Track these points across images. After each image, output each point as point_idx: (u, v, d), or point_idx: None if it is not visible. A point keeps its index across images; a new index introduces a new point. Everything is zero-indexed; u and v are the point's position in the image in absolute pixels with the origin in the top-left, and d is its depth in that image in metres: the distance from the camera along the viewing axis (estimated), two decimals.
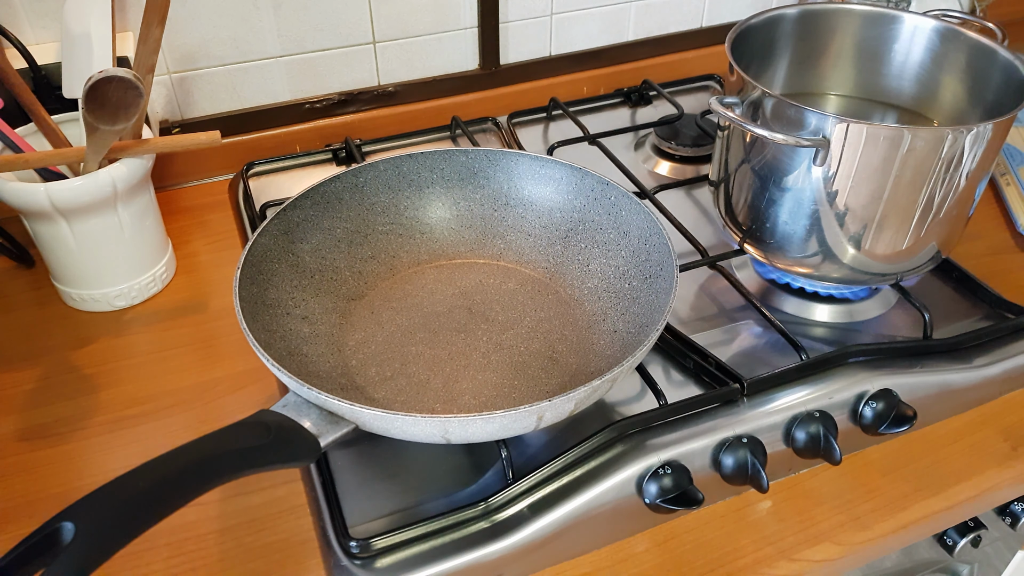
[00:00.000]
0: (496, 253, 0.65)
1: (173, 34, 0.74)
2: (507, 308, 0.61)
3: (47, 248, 0.63)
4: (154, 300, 0.66)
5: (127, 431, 0.56)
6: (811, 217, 0.57)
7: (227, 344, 0.62)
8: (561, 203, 0.64)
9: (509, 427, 0.45)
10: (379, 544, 0.46)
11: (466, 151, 0.65)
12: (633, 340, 0.54)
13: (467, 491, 0.51)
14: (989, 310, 0.65)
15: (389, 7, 0.80)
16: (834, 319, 0.64)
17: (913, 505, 0.54)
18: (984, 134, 0.52)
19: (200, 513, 0.50)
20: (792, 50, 0.68)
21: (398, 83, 0.85)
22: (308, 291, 0.58)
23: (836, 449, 0.53)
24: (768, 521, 0.53)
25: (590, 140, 0.81)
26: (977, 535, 0.64)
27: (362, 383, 0.54)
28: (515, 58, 0.89)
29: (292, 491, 0.52)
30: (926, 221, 0.56)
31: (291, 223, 0.59)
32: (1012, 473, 0.57)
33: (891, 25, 0.65)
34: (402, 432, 0.45)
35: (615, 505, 0.50)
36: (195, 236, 0.73)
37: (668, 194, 0.75)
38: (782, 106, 0.55)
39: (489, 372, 0.55)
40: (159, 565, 0.48)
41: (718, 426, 0.53)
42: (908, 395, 0.57)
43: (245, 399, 0.58)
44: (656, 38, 0.94)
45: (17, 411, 0.57)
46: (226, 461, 0.40)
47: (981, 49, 0.61)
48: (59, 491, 0.52)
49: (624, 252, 0.60)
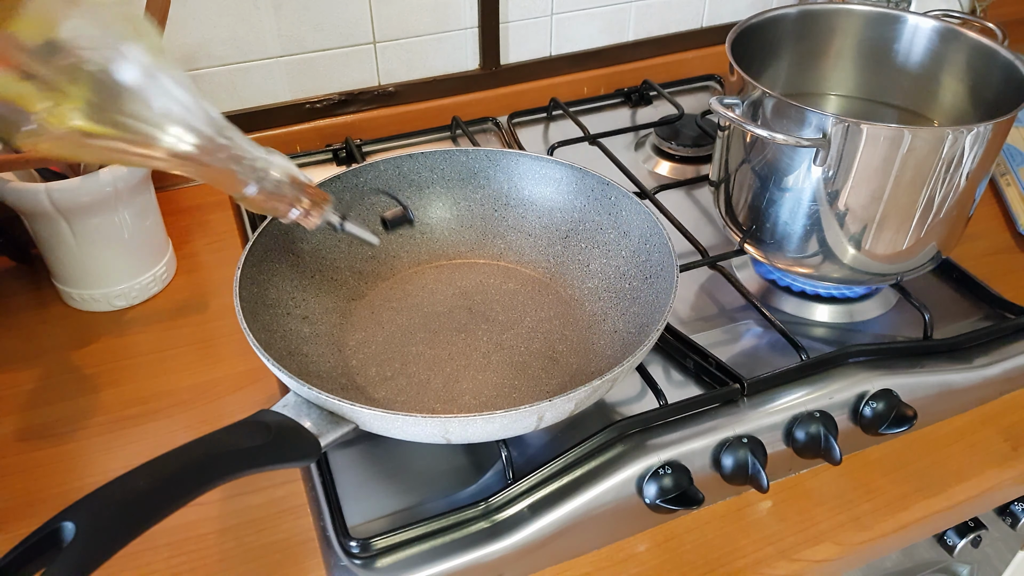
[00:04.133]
0: (496, 253, 0.65)
1: (173, 34, 0.74)
2: (507, 308, 0.61)
3: (47, 248, 0.62)
4: (154, 300, 0.66)
5: (127, 431, 0.56)
6: (811, 217, 0.57)
7: (227, 344, 0.62)
8: (561, 203, 0.64)
9: (509, 427, 0.45)
10: (379, 544, 0.46)
11: (466, 151, 0.65)
12: (633, 340, 0.54)
13: (467, 491, 0.51)
14: (989, 310, 0.65)
15: (389, 7, 0.80)
16: (834, 319, 0.64)
17: (913, 505, 0.54)
18: (984, 134, 0.52)
19: (200, 513, 0.50)
20: (792, 50, 0.68)
21: (398, 83, 0.85)
22: (308, 291, 0.58)
23: (836, 449, 0.53)
24: (768, 521, 0.53)
25: (590, 140, 0.81)
26: (977, 535, 0.64)
27: (362, 383, 0.54)
28: (515, 58, 0.89)
29: (292, 491, 0.52)
30: (926, 221, 0.56)
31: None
32: (1012, 473, 0.57)
33: (891, 25, 0.65)
34: (402, 432, 0.45)
35: (615, 505, 0.50)
36: (195, 236, 0.73)
37: (668, 194, 0.75)
38: (782, 106, 0.55)
39: (489, 372, 0.55)
40: (159, 565, 0.48)
41: (718, 426, 0.53)
42: (908, 395, 0.57)
43: (245, 399, 0.58)
44: (656, 38, 0.94)
45: (17, 411, 0.57)
46: (226, 461, 0.40)
47: (981, 49, 0.61)
48: (59, 491, 0.52)
49: (624, 252, 0.60)
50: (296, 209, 0.46)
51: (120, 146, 0.37)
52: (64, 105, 0.34)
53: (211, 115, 0.41)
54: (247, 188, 0.44)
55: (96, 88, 0.35)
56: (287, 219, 0.46)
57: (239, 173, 0.43)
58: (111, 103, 0.36)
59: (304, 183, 0.46)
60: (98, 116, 0.35)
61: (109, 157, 0.38)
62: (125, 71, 0.36)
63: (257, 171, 0.45)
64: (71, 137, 0.35)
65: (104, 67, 0.35)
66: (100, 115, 0.35)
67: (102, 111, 0.35)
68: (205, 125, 0.41)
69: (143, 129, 0.37)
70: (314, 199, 0.46)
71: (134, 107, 0.37)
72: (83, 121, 0.35)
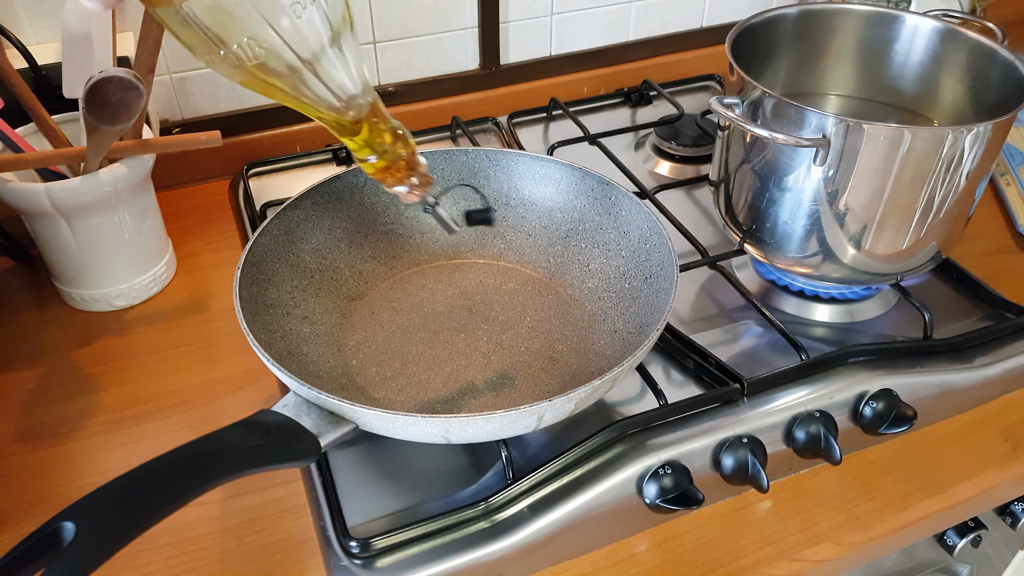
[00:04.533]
0: (496, 253, 0.65)
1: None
2: (507, 308, 0.61)
3: (47, 248, 0.63)
4: (154, 300, 0.66)
5: (127, 431, 0.56)
6: (811, 217, 0.57)
7: (227, 344, 0.62)
8: (561, 203, 0.64)
9: (509, 427, 0.45)
10: (379, 544, 0.46)
11: (466, 151, 0.65)
12: (633, 340, 0.54)
13: (467, 491, 0.51)
14: (989, 310, 0.65)
15: (389, 7, 0.80)
16: (834, 319, 0.64)
17: (913, 505, 0.54)
18: (984, 134, 0.52)
19: (200, 513, 0.50)
20: (792, 50, 0.68)
21: (398, 83, 0.85)
22: (308, 291, 0.58)
23: (836, 449, 0.53)
24: (768, 521, 0.53)
25: (590, 140, 0.81)
26: (977, 535, 0.64)
27: (362, 383, 0.54)
28: (515, 58, 0.89)
29: (292, 491, 0.52)
30: (926, 221, 0.56)
31: (291, 223, 0.59)
32: (1012, 473, 0.57)
33: (891, 25, 0.65)
34: (402, 432, 0.45)
35: (615, 505, 0.50)
36: (195, 236, 0.73)
37: (668, 194, 0.75)
38: (782, 106, 0.55)
39: (489, 372, 0.55)
40: (159, 565, 0.48)
41: (718, 426, 0.53)
42: (908, 395, 0.57)
43: (245, 399, 0.58)
44: (656, 38, 0.94)
45: (17, 411, 0.57)
46: (226, 461, 0.40)
47: (981, 49, 0.61)
48: (59, 491, 0.52)
49: (624, 252, 0.60)
50: (404, 186, 0.49)
51: (289, 91, 0.41)
52: (255, 47, 0.38)
53: (367, 78, 0.44)
54: (370, 157, 0.47)
55: (285, 39, 0.39)
56: (391, 190, 0.49)
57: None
58: (294, 52, 0.40)
59: (419, 163, 0.48)
60: (278, 62, 0.39)
61: (274, 95, 0.42)
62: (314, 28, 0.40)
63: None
64: (254, 71, 0.39)
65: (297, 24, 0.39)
66: (280, 61, 0.39)
67: (282, 59, 0.39)
68: (358, 85, 0.44)
69: (311, 82, 0.41)
70: (423, 180, 0.49)
71: (312, 61, 0.40)
72: (267, 61, 0.39)
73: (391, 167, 0.47)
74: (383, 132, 0.46)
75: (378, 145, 0.46)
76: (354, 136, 0.45)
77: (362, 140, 0.46)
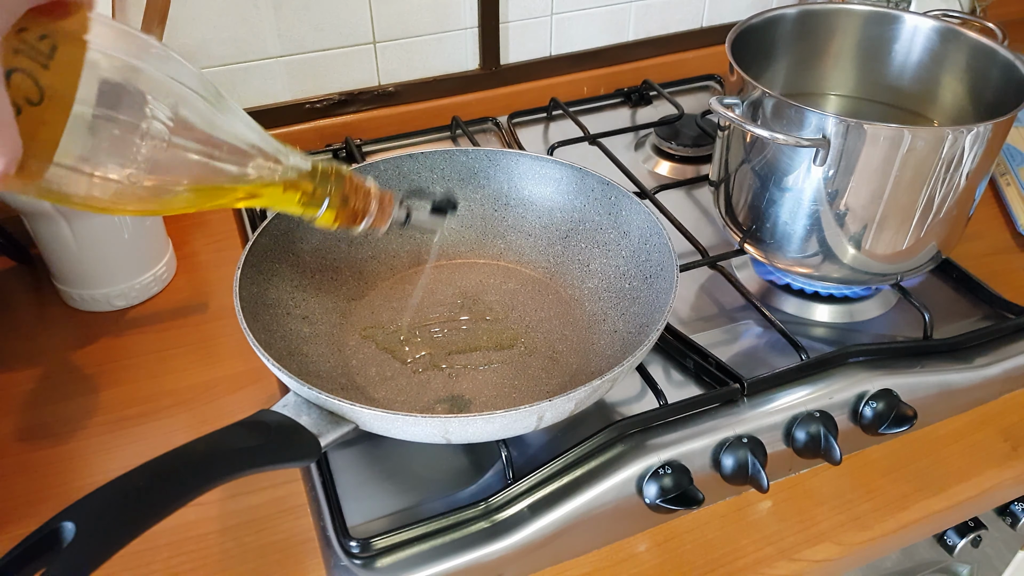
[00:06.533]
0: (496, 253, 0.65)
1: (173, 34, 0.73)
2: (507, 308, 0.61)
3: (47, 248, 0.62)
4: (154, 300, 0.66)
5: (127, 431, 0.56)
6: (811, 217, 0.57)
7: (227, 344, 0.62)
8: (561, 203, 0.64)
9: (509, 427, 0.45)
10: (379, 544, 0.46)
11: (466, 151, 0.65)
12: (633, 340, 0.54)
13: (467, 491, 0.51)
14: (989, 310, 0.65)
15: (389, 7, 0.80)
16: (834, 319, 0.64)
17: (913, 505, 0.54)
18: (984, 134, 0.52)
19: (200, 513, 0.50)
20: (792, 50, 0.68)
21: (398, 83, 0.85)
22: (308, 291, 0.58)
23: (836, 449, 0.53)
24: (768, 521, 0.53)
25: (590, 140, 0.81)
26: (977, 535, 0.64)
27: (362, 383, 0.54)
28: (515, 58, 0.89)
29: (292, 491, 0.52)
30: (926, 221, 0.56)
31: (291, 223, 0.59)
32: (1012, 473, 0.57)
33: (891, 25, 0.65)
34: (402, 432, 0.45)
35: (615, 505, 0.50)
36: (195, 236, 0.73)
37: (668, 194, 0.75)
38: (782, 106, 0.55)
39: (489, 372, 0.55)
40: (159, 565, 0.48)
41: (718, 426, 0.53)
42: (908, 395, 0.57)
43: (245, 399, 0.58)
44: (656, 38, 0.94)
45: (17, 411, 0.57)
46: (226, 461, 0.40)
47: (981, 49, 0.61)
48: (59, 491, 0.52)
49: (624, 252, 0.60)
50: (371, 214, 0.46)
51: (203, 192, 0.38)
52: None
53: (263, 135, 0.41)
54: (320, 209, 0.44)
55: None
56: (368, 228, 0.46)
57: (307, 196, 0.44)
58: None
59: (365, 180, 0.45)
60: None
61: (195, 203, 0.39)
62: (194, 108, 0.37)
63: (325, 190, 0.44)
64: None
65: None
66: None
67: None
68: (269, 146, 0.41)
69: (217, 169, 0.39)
70: (383, 196, 0.46)
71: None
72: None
73: (347, 203, 0.44)
74: (306, 180, 0.43)
75: (313, 192, 0.43)
76: (291, 196, 0.42)
77: (298, 198, 0.43)
